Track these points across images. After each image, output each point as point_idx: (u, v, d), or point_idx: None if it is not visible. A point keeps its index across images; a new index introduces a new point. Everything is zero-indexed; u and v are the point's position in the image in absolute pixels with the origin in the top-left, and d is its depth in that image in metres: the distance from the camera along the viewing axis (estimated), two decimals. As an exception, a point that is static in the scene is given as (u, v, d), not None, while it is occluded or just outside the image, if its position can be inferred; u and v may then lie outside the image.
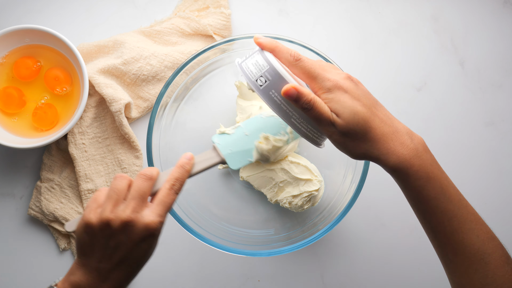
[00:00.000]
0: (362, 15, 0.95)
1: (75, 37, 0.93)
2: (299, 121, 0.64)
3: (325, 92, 0.61)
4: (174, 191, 0.64)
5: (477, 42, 0.95)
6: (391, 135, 0.61)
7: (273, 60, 0.63)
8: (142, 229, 0.61)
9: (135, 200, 0.62)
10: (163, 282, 0.91)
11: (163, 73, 0.91)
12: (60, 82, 0.89)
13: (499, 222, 0.93)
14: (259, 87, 0.63)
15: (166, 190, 0.63)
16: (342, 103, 0.60)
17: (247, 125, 0.71)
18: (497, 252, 0.61)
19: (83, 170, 0.90)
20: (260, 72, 0.63)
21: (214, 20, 0.92)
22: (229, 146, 0.71)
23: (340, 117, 0.60)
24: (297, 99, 0.60)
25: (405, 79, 0.94)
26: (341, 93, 0.60)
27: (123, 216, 0.61)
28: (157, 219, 0.62)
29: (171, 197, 0.63)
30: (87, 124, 0.91)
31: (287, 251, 0.79)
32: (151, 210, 0.62)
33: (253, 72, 0.64)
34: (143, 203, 0.62)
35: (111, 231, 0.61)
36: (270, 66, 0.63)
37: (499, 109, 0.94)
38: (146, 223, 0.61)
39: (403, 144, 0.61)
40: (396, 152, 0.60)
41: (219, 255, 0.91)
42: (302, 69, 0.62)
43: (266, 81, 0.63)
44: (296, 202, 0.84)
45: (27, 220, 0.92)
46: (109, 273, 0.62)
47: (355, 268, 0.91)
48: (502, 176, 0.93)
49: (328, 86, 0.60)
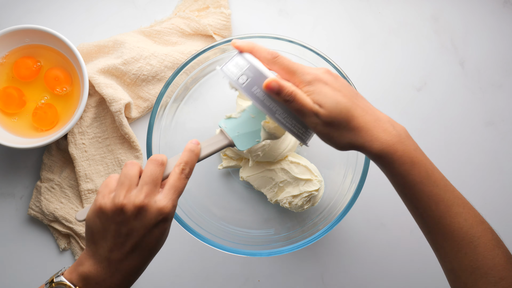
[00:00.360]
0: (362, 15, 0.95)
1: (75, 37, 0.93)
2: (283, 116, 0.65)
3: (306, 85, 0.62)
4: (184, 175, 0.64)
5: (477, 42, 0.95)
6: (374, 122, 0.62)
7: (252, 59, 0.65)
8: (156, 213, 0.61)
9: (148, 185, 0.61)
10: (163, 282, 0.91)
11: (163, 73, 0.91)
12: (60, 82, 0.89)
13: (499, 222, 0.92)
14: (241, 85, 0.65)
15: (176, 174, 0.63)
16: (324, 94, 0.61)
17: (252, 108, 0.72)
18: (486, 235, 0.61)
19: (83, 170, 0.90)
20: (241, 71, 0.65)
21: (214, 20, 0.92)
22: (236, 128, 0.71)
23: (322, 107, 0.61)
24: (279, 92, 0.61)
25: (405, 79, 0.94)
26: (322, 85, 0.61)
27: (137, 201, 0.60)
28: (170, 203, 0.61)
29: (182, 182, 0.63)
30: (87, 124, 0.91)
31: (287, 251, 0.79)
32: (163, 195, 0.62)
33: (234, 72, 0.66)
34: (156, 188, 0.62)
35: (124, 216, 0.60)
36: (250, 65, 0.65)
37: (499, 109, 0.94)
38: (160, 207, 0.61)
39: (386, 130, 0.62)
40: (379, 138, 0.61)
41: (219, 255, 0.91)
42: (281, 65, 0.63)
43: (248, 79, 0.65)
44: (296, 202, 0.84)
45: (27, 220, 0.92)
46: (119, 263, 0.61)
47: (355, 268, 0.91)
48: (502, 176, 0.93)
49: (308, 79, 0.62)
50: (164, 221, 0.61)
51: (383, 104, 0.93)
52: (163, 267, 0.91)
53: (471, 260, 0.60)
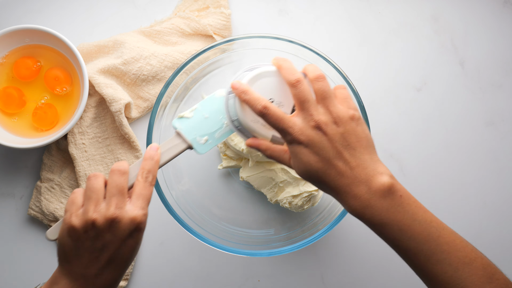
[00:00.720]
0: (362, 15, 0.95)
1: (75, 37, 0.93)
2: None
3: (287, 143, 0.65)
4: (149, 183, 0.64)
5: (477, 42, 0.95)
6: (346, 187, 0.62)
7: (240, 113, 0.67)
8: (129, 223, 0.60)
9: (115, 196, 0.61)
10: (163, 282, 0.91)
11: (163, 73, 0.91)
12: (60, 82, 0.89)
13: (499, 222, 0.93)
14: (236, 127, 0.69)
15: (141, 183, 0.64)
16: (298, 159, 0.64)
17: (204, 107, 0.72)
18: (475, 274, 0.61)
19: (83, 170, 0.90)
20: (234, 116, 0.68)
21: (214, 20, 0.92)
22: (193, 131, 0.71)
23: (294, 168, 0.65)
24: (258, 149, 0.68)
25: (405, 79, 0.94)
26: (300, 148, 0.63)
27: (108, 214, 0.60)
28: (141, 212, 0.61)
29: (148, 189, 0.64)
30: (87, 124, 0.91)
31: (287, 251, 0.79)
32: (133, 205, 0.62)
33: (230, 113, 0.68)
34: (124, 198, 0.62)
35: (96, 231, 0.60)
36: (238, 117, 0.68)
37: (499, 109, 0.94)
38: (131, 217, 0.61)
39: (355, 196, 0.62)
40: (348, 203, 0.63)
41: (219, 255, 0.91)
42: (268, 121, 0.65)
43: (239, 126, 0.68)
44: (296, 202, 0.84)
45: (27, 220, 0.92)
46: (96, 278, 0.61)
47: (355, 268, 0.91)
48: (502, 176, 0.93)
49: (288, 140, 0.64)
50: (138, 230, 0.61)
51: (383, 104, 0.93)
52: (163, 267, 0.91)
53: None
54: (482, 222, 0.92)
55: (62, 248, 0.62)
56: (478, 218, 0.92)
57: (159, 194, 0.79)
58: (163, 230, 0.91)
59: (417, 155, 0.93)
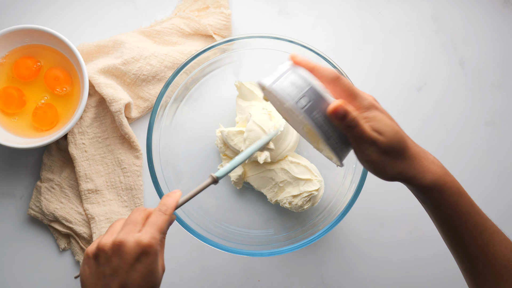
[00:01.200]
0: (362, 15, 0.95)
1: (75, 37, 0.93)
2: (337, 141, 0.62)
3: (365, 110, 0.61)
4: (162, 213, 0.64)
5: (477, 42, 0.95)
6: (423, 153, 0.62)
7: (310, 78, 0.61)
8: (134, 246, 0.60)
9: (127, 225, 0.62)
10: (163, 282, 0.91)
11: (163, 73, 0.91)
12: (60, 82, 0.89)
13: (499, 222, 0.92)
14: (301, 108, 0.60)
15: (155, 213, 0.64)
16: (384, 122, 0.60)
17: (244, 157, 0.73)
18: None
19: (83, 170, 0.90)
20: (300, 92, 0.60)
21: (214, 20, 0.92)
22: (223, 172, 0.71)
23: (382, 134, 0.60)
24: (344, 117, 0.59)
25: (405, 79, 0.94)
26: (379, 112, 0.61)
27: (115, 238, 0.61)
28: (148, 235, 0.61)
29: (161, 218, 0.63)
30: (87, 124, 0.91)
31: (287, 251, 0.79)
32: (142, 231, 0.62)
33: (293, 93, 0.60)
34: (135, 227, 0.62)
35: (105, 256, 0.61)
36: (310, 86, 0.61)
37: (499, 109, 0.94)
38: (137, 239, 0.60)
39: (434, 162, 0.62)
40: (431, 169, 0.61)
41: (219, 255, 0.91)
42: (343, 87, 0.61)
43: (310, 101, 0.60)
44: (296, 202, 0.84)
45: (27, 220, 0.92)
46: None
47: (355, 268, 0.91)
48: (502, 176, 0.93)
49: (367, 105, 0.61)
50: (146, 254, 0.60)
51: (383, 104, 0.93)
52: (163, 267, 0.91)
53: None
54: (482, 222, 0.92)
55: (82, 278, 0.63)
56: (478, 218, 0.92)
57: (159, 194, 0.79)
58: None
59: (417, 155, 0.93)
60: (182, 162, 0.88)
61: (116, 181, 0.91)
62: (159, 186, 0.79)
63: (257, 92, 0.86)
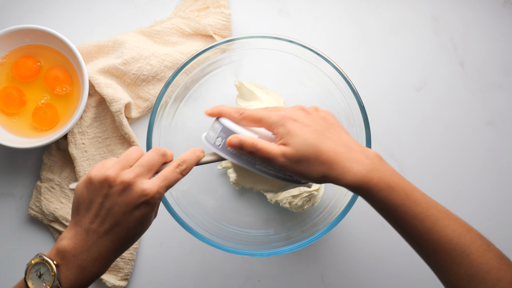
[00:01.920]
0: (362, 15, 0.95)
1: (75, 37, 0.93)
2: (263, 165, 0.66)
3: (275, 127, 0.64)
4: (179, 170, 0.65)
5: (477, 42, 0.95)
6: (345, 154, 0.63)
7: (224, 121, 0.68)
8: (139, 193, 0.61)
9: (140, 167, 0.63)
10: (163, 282, 0.91)
11: (163, 73, 0.91)
12: (60, 82, 0.89)
13: (499, 222, 0.93)
14: (218, 147, 0.67)
15: (172, 167, 0.64)
16: (292, 133, 0.63)
17: None
18: (476, 242, 0.62)
19: (83, 170, 0.90)
20: (216, 133, 0.68)
21: (214, 20, 0.92)
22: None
23: (289, 146, 0.63)
24: (241, 147, 0.64)
25: (405, 79, 0.94)
26: (290, 123, 0.63)
27: (124, 177, 0.61)
28: (155, 188, 0.62)
29: (175, 175, 0.64)
30: (87, 124, 0.91)
31: (287, 251, 0.78)
32: (152, 180, 0.63)
33: (211, 136, 0.69)
34: (148, 173, 0.63)
35: (110, 190, 0.61)
36: (222, 126, 0.67)
37: (499, 109, 0.94)
38: (143, 188, 0.61)
39: (358, 161, 0.63)
40: (352, 169, 0.62)
41: (219, 255, 0.91)
42: (247, 118, 0.66)
43: (222, 140, 0.67)
44: (296, 202, 0.84)
45: (27, 220, 0.92)
46: (97, 239, 0.62)
47: (355, 268, 0.91)
48: (502, 176, 0.93)
49: (275, 120, 0.64)
50: (146, 203, 0.62)
51: (383, 104, 0.93)
52: (163, 267, 0.91)
53: (466, 269, 0.61)
54: (482, 222, 0.92)
55: (77, 198, 0.63)
56: (478, 218, 0.92)
57: (159, 194, 0.79)
58: (163, 230, 0.91)
59: (417, 155, 0.93)
60: (182, 162, 0.88)
61: (116, 181, 0.91)
62: (159, 186, 0.79)
63: (257, 92, 0.86)
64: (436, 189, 0.92)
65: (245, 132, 0.66)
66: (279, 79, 0.89)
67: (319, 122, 0.65)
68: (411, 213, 0.62)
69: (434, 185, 0.92)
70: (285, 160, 0.63)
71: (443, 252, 0.62)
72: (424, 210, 0.62)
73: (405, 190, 0.62)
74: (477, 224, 0.92)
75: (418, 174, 0.92)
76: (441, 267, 0.62)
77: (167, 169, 0.64)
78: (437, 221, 0.62)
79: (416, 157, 0.93)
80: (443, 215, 0.63)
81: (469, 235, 0.62)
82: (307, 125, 0.63)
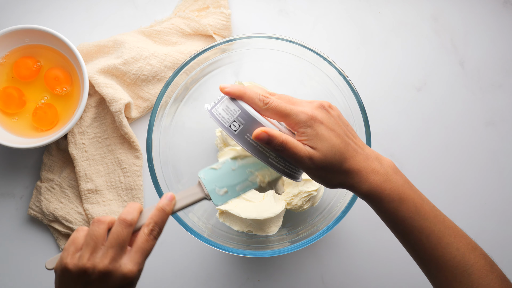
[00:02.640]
0: (362, 15, 0.95)
1: (75, 37, 0.93)
2: (277, 160, 0.63)
3: (301, 126, 0.61)
4: (153, 237, 0.62)
5: (477, 42, 0.95)
6: (363, 163, 0.62)
7: (244, 104, 0.63)
8: (120, 279, 0.59)
9: (114, 248, 0.60)
10: (163, 282, 0.91)
11: (163, 73, 0.91)
12: (60, 82, 0.89)
13: (499, 222, 0.93)
14: (234, 132, 0.63)
15: (145, 236, 0.62)
16: (320, 136, 0.61)
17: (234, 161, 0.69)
18: (479, 262, 0.62)
19: (83, 170, 0.90)
20: (232, 117, 0.63)
21: (214, 20, 0.92)
22: (215, 181, 0.67)
23: (317, 150, 0.61)
24: (269, 142, 0.61)
25: (405, 79, 0.94)
26: (317, 125, 0.61)
27: (100, 266, 0.59)
28: (136, 268, 0.60)
29: (150, 243, 0.62)
30: (87, 124, 0.91)
31: (287, 251, 0.78)
32: (129, 258, 0.60)
33: (225, 118, 0.63)
34: (122, 251, 0.60)
35: (89, 279, 0.59)
36: (242, 110, 0.63)
37: (499, 109, 0.94)
38: (124, 273, 0.59)
39: (374, 170, 0.62)
40: (368, 179, 0.62)
41: (219, 255, 0.91)
42: (273, 110, 0.62)
43: (240, 126, 0.63)
44: (296, 202, 0.84)
45: (27, 220, 0.92)
46: None
47: (355, 268, 0.91)
48: (502, 176, 0.93)
49: (303, 119, 0.61)
50: (129, 285, 0.60)
51: (383, 104, 0.93)
52: (163, 267, 0.91)
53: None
54: (482, 222, 0.92)
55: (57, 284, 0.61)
56: (478, 218, 0.92)
57: (159, 194, 0.79)
58: (163, 230, 0.91)
59: (417, 155, 0.93)
60: (182, 162, 0.88)
61: (116, 181, 0.91)
62: (159, 186, 0.79)
63: (257, 92, 0.86)
64: (436, 189, 0.92)
65: (270, 125, 0.62)
66: (279, 79, 0.89)
67: (339, 124, 0.63)
68: (418, 227, 0.62)
69: (434, 185, 0.92)
70: (311, 163, 0.61)
71: (445, 269, 0.61)
72: (431, 225, 0.62)
73: (415, 202, 0.62)
74: (477, 224, 0.92)
75: (418, 174, 0.92)
76: (442, 283, 0.62)
77: (141, 240, 0.61)
78: (443, 237, 0.62)
79: (416, 157, 0.93)
80: (450, 231, 0.62)
81: (473, 254, 0.62)
82: (332, 128, 0.62)
